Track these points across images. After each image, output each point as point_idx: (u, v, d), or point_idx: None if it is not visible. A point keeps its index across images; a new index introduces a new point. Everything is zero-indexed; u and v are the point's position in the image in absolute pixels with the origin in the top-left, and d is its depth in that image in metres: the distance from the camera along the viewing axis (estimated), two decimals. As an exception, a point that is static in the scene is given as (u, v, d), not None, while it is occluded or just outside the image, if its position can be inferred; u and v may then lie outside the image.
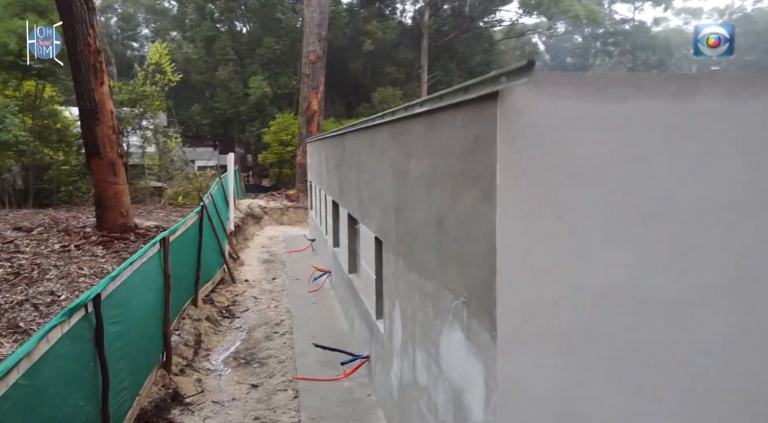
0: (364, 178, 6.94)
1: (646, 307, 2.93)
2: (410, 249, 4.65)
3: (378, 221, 6.08)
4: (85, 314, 4.10)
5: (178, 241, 7.60)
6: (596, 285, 2.91)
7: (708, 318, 2.94)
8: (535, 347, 2.88)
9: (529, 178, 2.83)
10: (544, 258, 2.86)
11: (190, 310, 8.69)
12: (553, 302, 2.88)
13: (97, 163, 12.68)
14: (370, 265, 6.70)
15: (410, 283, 4.65)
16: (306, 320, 9.48)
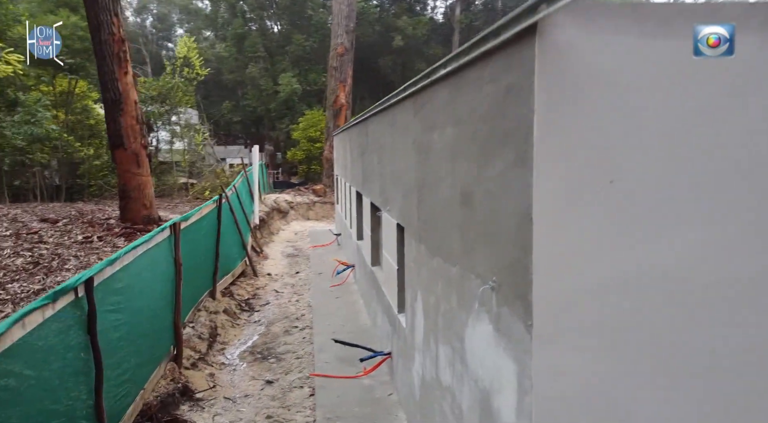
0: (386, 161, 6.48)
1: (713, 296, 2.39)
2: (433, 232, 4.16)
3: (399, 206, 5.60)
4: (75, 299, 3.76)
5: (192, 229, 7.28)
6: (654, 267, 2.38)
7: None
8: (578, 340, 2.37)
9: (573, 135, 2.32)
10: (591, 232, 2.35)
11: (207, 302, 8.38)
12: (600, 286, 2.37)
13: (120, 154, 12.56)
14: (393, 256, 6.23)
15: (433, 270, 4.16)
16: (327, 315, 9.07)
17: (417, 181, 4.68)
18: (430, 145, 4.19)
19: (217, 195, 9.02)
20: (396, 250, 5.96)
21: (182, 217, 6.74)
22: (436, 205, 4.05)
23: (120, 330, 4.54)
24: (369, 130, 8.17)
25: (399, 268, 5.92)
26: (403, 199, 5.41)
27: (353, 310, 9.37)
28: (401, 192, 5.47)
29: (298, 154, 32.11)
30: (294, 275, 12.20)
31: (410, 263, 5.14)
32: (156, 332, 5.63)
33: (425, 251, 4.42)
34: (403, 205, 5.38)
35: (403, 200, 5.38)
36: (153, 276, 5.52)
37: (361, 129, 9.21)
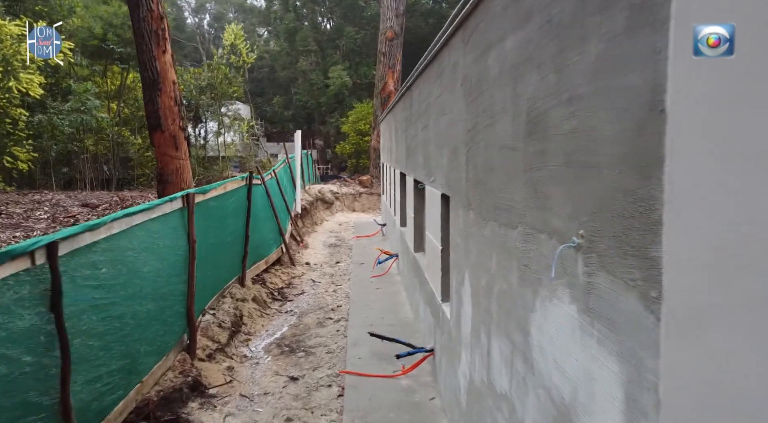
0: (431, 124, 5.50)
1: None
2: (485, 191, 3.17)
3: (445, 171, 4.62)
4: (31, 267, 3.00)
5: (213, 205, 6.54)
6: None
7: None
8: (740, 326, 1.34)
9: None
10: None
11: (235, 288, 7.66)
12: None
13: (158, 137, 12.11)
14: (436, 236, 5.25)
15: (485, 241, 3.17)
16: (365, 306, 8.18)
17: (466, 132, 3.69)
18: (483, 75, 3.19)
19: (247, 173, 8.28)
20: (440, 228, 4.97)
21: (199, 188, 6.01)
22: (489, 153, 3.05)
23: (104, 311, 3.79)
24: (413, 98, 7.20)
25: (443, 248, 4.94)
26: (449, 162, 4.43)
27: (394, 301, 8.43)
28: (447, 153, 4.49)
29: (347, 147, 31.49)
30: (334, 265, 11.39)
31: (456, 239, 4.15)
32: (161, 317, 4.88)
33: (475, 218, 3.43)
34: (449, 169, 4.40)
35: (449, 163, 4.39)
36: (157, 251, 4.78)
37: (405, 100, 8.26)
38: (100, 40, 19.82)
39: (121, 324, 4.03)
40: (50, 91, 19.83)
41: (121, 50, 19.89)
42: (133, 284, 4.30)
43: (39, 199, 13.64)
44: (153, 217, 4.68)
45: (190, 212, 5.49)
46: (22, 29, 16.34)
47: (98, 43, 19.79)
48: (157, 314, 4.78)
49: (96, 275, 3.68)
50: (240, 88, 24.29)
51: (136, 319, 4.32)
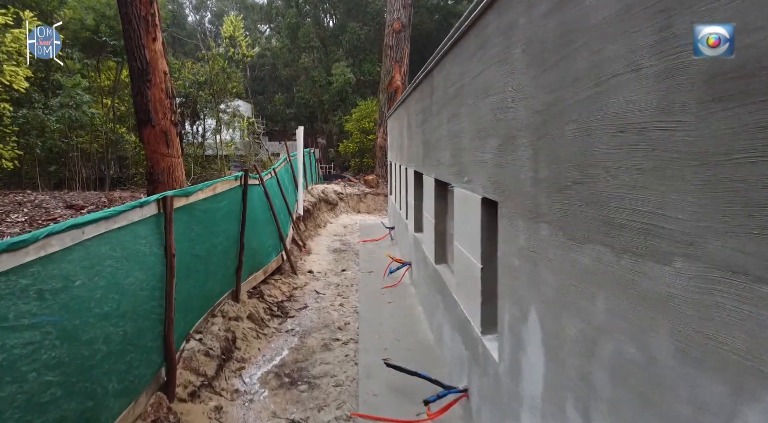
0: (464, 111, 4.46)
1: None
2: (582, 198, 2.13)
3: (489, 168, 3.58)
4: None
5: (200, 210, 5.51)
6: None
7: None
8: None
9: None
10: None
11: (227, 305, 6.63)
12: None
13: (148, 132, 11.10)
14: (473, 250, 4.21)
15: (578, 271, 2.14)
16: (377, 325, 7.15)
17: (532, 114, 2.65)
18: (573, 27, 2.15)
19: (241, 172, 7.24)
20: (480, 240, 3.93)
21: (180, 191, 4.98)
22: (592, 140, 2.01)
23: (39, 359, 2.76)
24: (434, 84, 6.16)
25: (485, 266, 3.90)
26: (496, 156, 3.39)
27: (410, 319, 7.40)
28: (494, 146, 3.45)
29: (351, 146, 30.41)
30: (339, 273, 10.36)
31: (511, 259, 3.10)
32: (128, 354, 3.85)
33: (554, 236, 2.39)
34: (497, 167, 3.35)
35: (497, 158, 3.35)
36: (122, 271, 3.75)
37: (422, 89, 7.22)
38: (92, 32, 18.80)
39: (63, 373, 3.00)
40: (40, 85, 18.86)
41: (115, 43, 18.86)
42: (85, 318, 3.27)
43: (21, 199, 12.63)
44: (115, 227, 3.65)
45: (168, 219, 4.46)
46: (7, 19, 15.37)
47: (90, 35, 18.77)
48: (121, 352, 3.74)
49: (22, 312, 2.66)
50: (240, 84, 23.26)
51: (87, 362, 3.28)
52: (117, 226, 3.68)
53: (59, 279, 2.99)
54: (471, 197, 4.20)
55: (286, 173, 13.12)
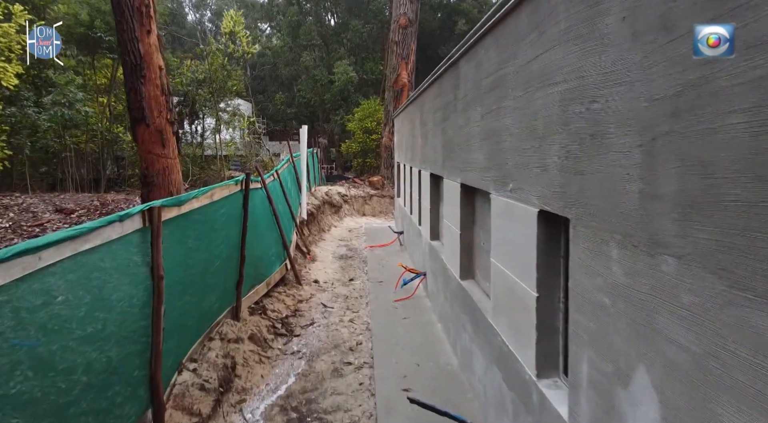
0: (509, 105, 3.73)
1: None
2: (758, 209, 1.40)
3: (553, 177, 2.85)
4: None
5: (195, 220, 4.78)
6: None
7: None
8: None
9: None
10: None
11: (226, 325, 5.90)
12: None
13: (143, 132, 10.37)
14: (522, 272, 3.50)
15: (733, 320, 1.40)
16: (393, 345, 6.43)
17: (650, 102, 1.92)
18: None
19: (242, 175, 6.51)
20: (534, 264, 3.20)
21: (171, 200, 4.24)
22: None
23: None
24: (461, 75, 5.44)
25: (543, 296, 3.17)
26: (570, 160, 2.67)
27: (429, 337, 6.68)
28: (564, 146, 2.73)
29: (353, 146, 29.65)
30: (347, 283, 9.64)
31: (598, 296, 2.37)
32: (107, 393, 3.13)
33: (693, 277, 1.67)
34: (573, 174, 2.63)
35: (575, 162, 2.63)
36: (96, 301, 3.03)
37: (445, 82, 6.49)
38: (87, 28, 18.05)
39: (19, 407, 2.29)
40: (33, 83, 18.15)
41: (110, 39, 18.11)
42: (54, 355, 2.55)
43: (8, 203, 11.90)
44: (86, 248, 2.93)
45: (155, 234, 3.74)
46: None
47: (85, 30, 18.02)
48: (96, 396, 3.02)
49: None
50: (240, 82, 22.52)
51: (56, 407, 2.56)
52: (89, 247, 2.95)
53: (13, 315, 2.27)
54: (520, 209, 3.48)
55: (289, 175, 12.40)
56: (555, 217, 3.02)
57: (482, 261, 5.27)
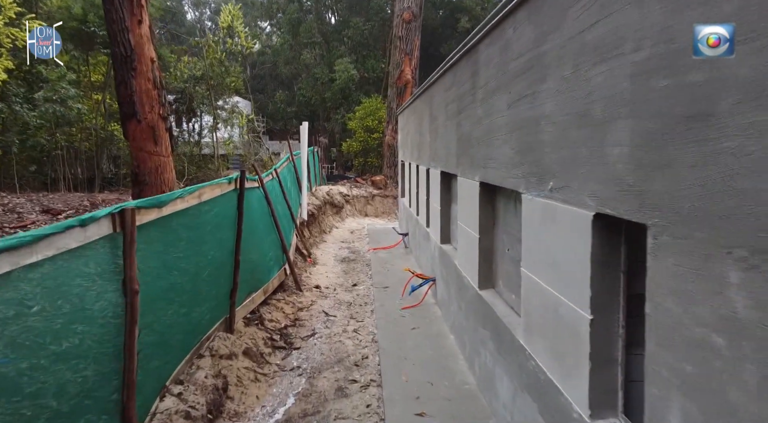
0: (550, 87, 3.14)
1: None
2: None
3: (621, 172, 2.25)
4: None
5: (180, 224, 4.19)
6: None
7: None
8: None
9: None
10: None
11: (218, 339, 5.31)
12: None
13: (134, 128, 9.81)
14: (568, 288, 2.92)
15: None
16: (402, 360, 5.84)
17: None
18: None
19: (237, 173, 5.92)
20: (588, 279, 2.62)
21: (148, 200, 3.64)
22: None
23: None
24: (482, 60, 4.85)
25: (599, 319, 2.58)
26: (652, 151, 2.08)
27: (441, 351, 6.09)
28: (639, 133, 2.14)
29: (354, 145, 29.03)
30: (350, 289, 9.05)
31: (699, 331, 1.78)
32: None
33: None
34: (655, 168, 2.04)
35: (658, 154, 2.04)
36: (49, 330, 2.45)
37: (460, 70, 5.90)
38: (80, 22, 17.46)
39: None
40: (24, 79, 17.57)
41: (104, 33, 17.50)
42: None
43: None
44: (32, 261, 2.34)
45: (128, 241, 3.15)
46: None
47: (78, 25, 17.43)
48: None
49: None
50: (239, 79, 21.93)
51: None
52: (37, 260, 2.36)
53: None
54: (565, 212, 2.89)
55: (288, 174, 11.82)
56: (615, 223, 2.43)
57: (506, 269, 4.68)
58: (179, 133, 21.16)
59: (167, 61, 20.43)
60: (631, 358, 2.62)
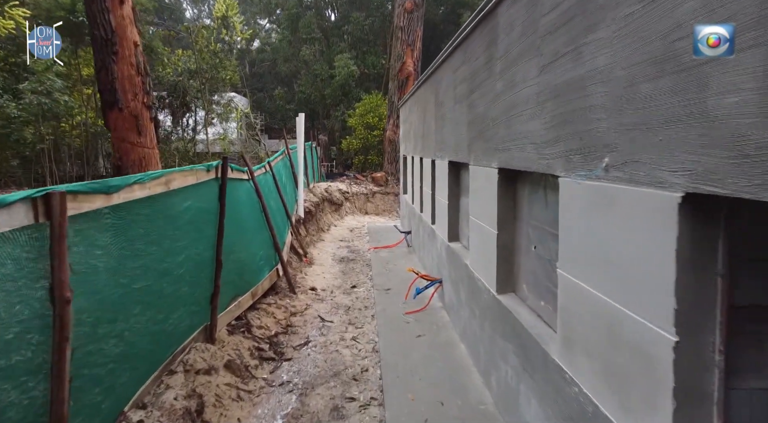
0: (606, 35, 2.42)
1: None
2: None
3: (737, 128, 1.54)
4: None
5: (139, 213, 3.48)
6: None
7: None
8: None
9: None
10: None
11: (194, 350, 4.60)
12: None
13: (115, 117, 9.10)
14: (636, 299, 2.21)
15: None
16: (407, 374, 5.12)
17: None
18: None
19: (218, 161, 5.19)
20: (673, 290, 1.90)
21: (89, 185, 2.88)
22: None
23: None
24: (502, 23, 4.13)
25: (687, 344, 1.86)
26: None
27: (452, 363, 5.37)
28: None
29: (354, 143, 28.26)
30: (349, 291, 8.33)
31: None
32: None
33: None
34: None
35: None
36: None
37: (472, 44, 5.18)
38: (68, 12, 16.73)
39: None
40: (9, 70, 16.86)
41: (94, 23, 16.79)
42: None
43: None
44: None
45: (57, 235, 2.43)
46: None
47: (65, 14, 16.69)
48: None
49: None
50: (235, 73, 21.20)
51: None
52: None
53: None
54: (631, 196, 2.17)
55: (284, 168, 11.10)
56: (712, 208, 1.72)
57: (531, 270, 3.96)
58: (173, 128, 20.43)
59: (160, 54, 19.70)
60: (732, 393, 1.90)
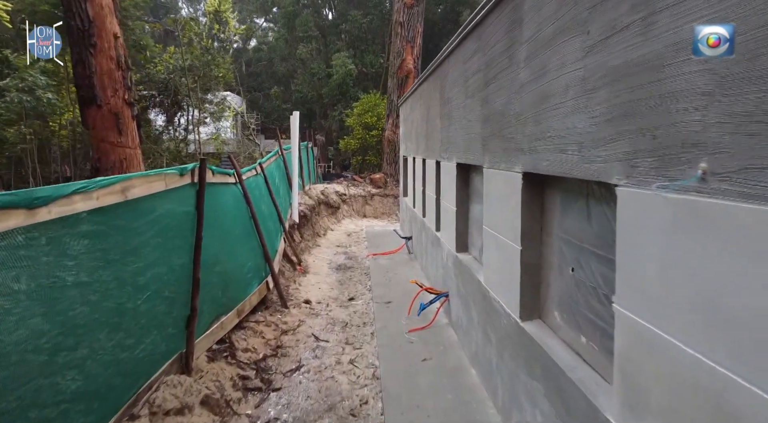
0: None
1: None
2: None
3: None
4: None
5: (82, 230, 2.81)
6: None
7: None
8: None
9: None
10: None
11: (164, 386, 3.92)
12: None
13: (94, 115, 8.42)
14: (721, 341, 1.52)
15: None
16: (413, 408, 4.45)
17: None
18: None
19: (195, 163, 4.51)
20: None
21: (4, 196, 2.21)
22: None
23: None
24: (528, 4, 3.47)
25: None
26: None
27: (463, 394, 4.70)
28: None
29: (352, 143, 27.57)
30: (346, 304, 7.65)
31: None
32: None
33: None
34: None
35: None
36: None
37: (495, 24, 4.52)
38: (53, 5, 16.03)
39: None
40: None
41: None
42: None
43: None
44: None
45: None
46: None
47: (50, 8, 15.99)
48: None
49: None
50: (228, 71, 20.50)
51: None
52: None
53: None
54: (746, 215, 1.51)
55: (277, 170, 10.44)
56: None
57: (567, 296, 3.30)
58: (164, 129, 19.73)
59: (151, 51, 19.00)
60: None
